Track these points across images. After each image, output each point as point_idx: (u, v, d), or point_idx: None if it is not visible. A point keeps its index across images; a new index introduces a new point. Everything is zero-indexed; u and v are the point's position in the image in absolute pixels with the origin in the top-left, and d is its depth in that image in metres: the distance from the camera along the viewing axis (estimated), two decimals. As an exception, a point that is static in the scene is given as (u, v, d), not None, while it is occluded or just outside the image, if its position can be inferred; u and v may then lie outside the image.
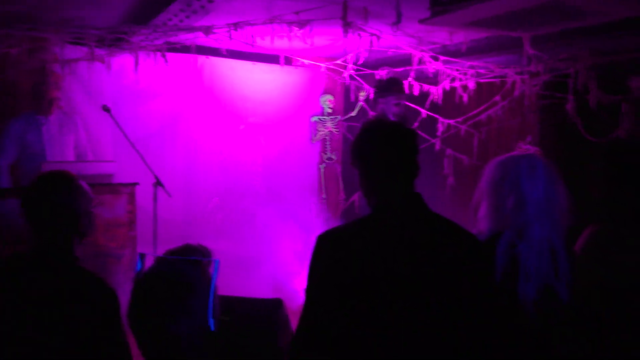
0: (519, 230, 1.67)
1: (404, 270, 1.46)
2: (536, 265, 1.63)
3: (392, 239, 1.50)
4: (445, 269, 1.49)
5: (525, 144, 4.97)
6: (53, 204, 1.67)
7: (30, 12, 3.76)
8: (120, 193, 3.67)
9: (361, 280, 1.46)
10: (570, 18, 2.77)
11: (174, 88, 4.97)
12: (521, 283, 1.63)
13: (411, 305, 1.45)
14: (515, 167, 1.72)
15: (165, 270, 1.33)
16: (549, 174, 1.70)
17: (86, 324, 1.58)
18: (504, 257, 1.64)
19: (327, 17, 3.35)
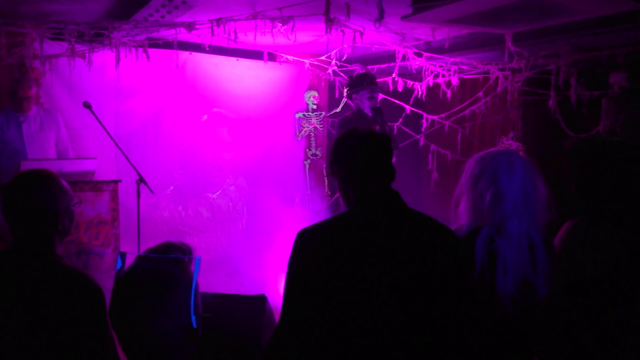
0: (497, 225, 1.69)
1: (382, 266, 1.48)
2: (514, 260, 1.65)
3: (369, 234, 1.52)
4: (422, 264, 1.51)
5: (508, 140, 5.03)
6: (32, 202, 1.65)
7: (7, 5, 3.69)
8: (102, 190, 3.63)
9: (339, 275, 1.48)
10: (550, 15, 2.80)
11: (156, 84, 4.92)
12: (499, 278, 1.64)
13: (389, 299, 1.47)
14: (493, 163, 1.73)
15: (146, 268, 1.33)
16: (526, 169, 1.72)
17: (71, 322, 1.57)
18: (483, 252, 1.66)
19: (310, 13, 3.34)
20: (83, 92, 4.45)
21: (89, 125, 4.42)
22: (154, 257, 1.35)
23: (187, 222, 5.04)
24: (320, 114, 5.74)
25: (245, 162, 5.44)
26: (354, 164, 1.63)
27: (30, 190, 1.67)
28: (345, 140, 1.68)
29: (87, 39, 3.50)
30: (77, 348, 1.58)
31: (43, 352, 1.56)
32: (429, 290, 1.49)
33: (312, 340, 1.50)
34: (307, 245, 1.54)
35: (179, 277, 1.31)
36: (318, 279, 1.49)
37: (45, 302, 1.57)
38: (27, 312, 1.56)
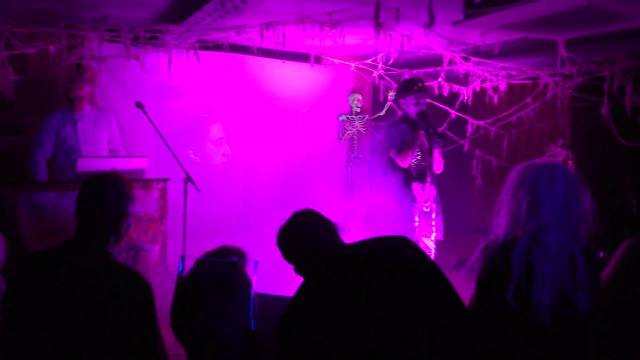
0: (534, 236, 1.66)
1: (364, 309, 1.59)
2: (552, 272, 1.62)
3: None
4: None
5: (557, 147, 4.90)
6: (105, 202, 1.78)
7: (68, 9, 3.86)
8: (152, 188, 3.75)
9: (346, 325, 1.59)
10: (606, 22, 2.71)
11: (205, 85, 5.04)
12: (536, 289, 1.61)
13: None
14: (534, 173, 1.71)
15: (208, 272, 1.36)
16: (569, 181, 1.69)
17: (122, 316, 1.64)
18: (520, 262, 1.63)
19: (358, 17, 3.36)
20: (135, 92, 4.60)
21: (139, 124, 4.56)
22: (216, 261, 1.38)
23: (232, 222, 5.14)
24: (363, 117, 5.74)
25: (288, 163, 5.50)
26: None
27: (108, 191, 1.79)
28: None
29: (142, 42, 3.62)
30: (127, 340, 1.65)
31: (95, 343, 1.63)
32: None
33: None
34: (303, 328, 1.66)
35: (240, 282, 1.35)
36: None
37: (98, 296, 1.64)
38: (80, 305, 1.63)
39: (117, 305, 1.64)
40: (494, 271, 1.69)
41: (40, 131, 4.04)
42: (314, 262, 1.77)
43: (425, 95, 4.14)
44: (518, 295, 1.62)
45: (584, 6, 2.37)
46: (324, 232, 1.84)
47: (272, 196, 5.45)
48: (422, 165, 4.17)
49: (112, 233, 1.79)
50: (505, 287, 1.63)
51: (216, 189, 5.14)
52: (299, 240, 1.84)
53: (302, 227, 1.85)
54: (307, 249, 1.81)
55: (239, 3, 3.11)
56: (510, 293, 1.61)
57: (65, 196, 3.48)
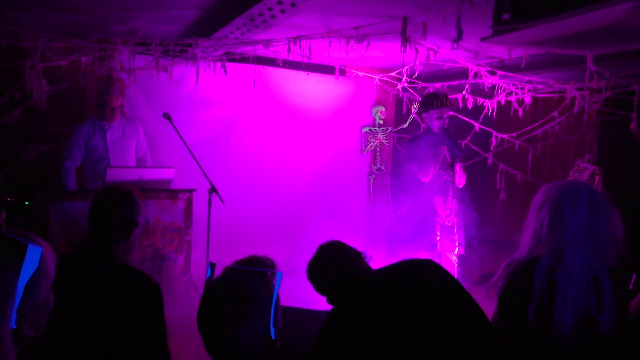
0: (556, 255, 1.66)
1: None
2: (574, 293, 1.60)
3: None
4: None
5: (584, 162, 4.83)
6: (119, 212, 1.92)
7: (100, 23, 3.96)
8: (178, 199, 3.80)
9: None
10: (636, 39, 2.68)
11: (230, 96, 5.10)
12: (558, 309, 1.60)
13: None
14: (558, 192, 1.71)
15: (232, 279, 1.41)
16: (594, 201, 1.67)
17: (130, 316, 1.75)
18: (542, 281, 1.63)
19: (385, 32, 3.37)
20: (161, 103, 4.68)
21: (165, 135, 4.63)
22: (240, 269, 1.43)
23: (255, 232, 5.17)
24: (386, 129, 5.75)
25: (311, 174, 5.52)
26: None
27: (121, 201, 1.94)
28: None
29: (171, 55, 3.69)
30: (136, 340, 1.75)
31: (106, 340, 1.73)
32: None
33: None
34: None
35: (261, 290, 1.39)
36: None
37: (108, 297, 1.76)
38: (90, 307, 1.74)
39: (127, 306, 1.76)
40: (516, 288, 1.69)
41: (70, 140, 4.13)
42: (343, 291, 1.82)
43: (448, 110, 4.14)
44: (539, 313, 1.61)
45: (616, 23, 2.35)
46: (350, 261, 1.91)
47: (295, 207, 5.47)
48: (444, 179, 4.16)
49: (122, 239, 1.91)
50: (527, 305, 1.62)
51: (241, 199, 5.18)
52: (327, 273, 1.91)
53: (328, 259, 1.93)
54: (336, 279, 1.88)
55: (268, 18, 3.16)
56: (532, 311, 1.61)
57: (93, 205, 3.54)
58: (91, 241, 1.88)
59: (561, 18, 2.35)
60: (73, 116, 4.54)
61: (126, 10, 3.56)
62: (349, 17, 3.45)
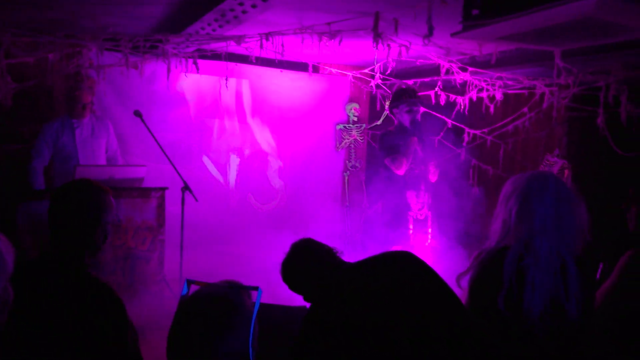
0: (525, 243, 1.70)
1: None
2: (542, 280, 1.65)
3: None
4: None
5: (553, 157, 4.93)
6: (76, 213, 1.70)
7: (68, 18, 3.87)
8: (150, 197, 3.74)
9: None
10: (605, 34, 2.75)
11: (203, 93, 5.05)
12: (527, 296, 1.65)
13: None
14: (526, 183, 1.76)
15: (210, 296, 1.34)
16: (560, 191, 1.73)
17: (92, 330, 1.59)
18: (511, 269, 1.67)
19: (357, 28, 3.38)
20: (133, 101, 4.60)
21: (137, 133, 4.56)
22: (218, 285, 1.36)
23: (230, 230, 5.13)
24: (360, 126, 5.77)
25: (286, 172, 5.50)
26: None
27: (76, 200, 1.71)
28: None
29: (141, 51, 3.63)
30: (98, 354, 1.60)
31: (67, 356, 1.58)
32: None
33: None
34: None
35: (240, 310, 1.32)
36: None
37: (69, 309, 1.59)
38: (54, 317, 1.58)
39: (88, 319, 1.59)
40: (486, 277, 1.73)
41: (38, 138, 4.03)
42: (320, 287, 1.82)
43: (418, 103, 4.20)
44: (509, 301, 1.65)
45: (584, 18, 2.40)
46: (324, 257, 1.91)
47: (270, 204, 5.45)
48: (416, 173, 4.22)
49: (87, 243, 1.71)
50: (497, 293, 1.67)
51: (215, 197, 5.14)
52: (301, 270, 1.91)
53: (301, 256, 1.92)
54: (311, 276, 1.87)
55: (239, 13, 3.13)
56: (502, 299, 1.65)
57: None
58: (54, 246, 1.68)
59: (529, 13, 2.39)
60: (41, 115, 4.43)
61: (95, 5, 3.49)
62: (321, 13, 3.44)
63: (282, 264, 1.96)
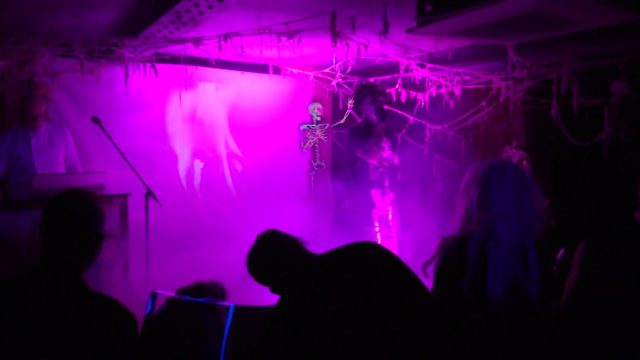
0: (487, 229, 1.76)
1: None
2: (504, 263, 1.71)
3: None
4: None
5: (512, 149, 5.07)
6: (79, 221, 1.58)
7: (18, 24, 3.76)
8: (112, 204, 3.67)
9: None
10: (554, 27, 2.85)
11: (163, 98, 4.98)
12: (489, 280, 1.70)
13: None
14: (485, 170, 1.82)
15: (178, 314, 1.27)
16: (518, 177, 1.79)
17: (102, 351, 1.47)
18: (474, 255, 1.72)
19: (315, 27, 3.40)
20: (91, 107, 4.50)
21: (97, 140, 4.46)
22: (185, 300, 1.28)
23: (196, 235, 5.07)
24: (324, 126, 5.80)
25: (250, 175, 5.48)
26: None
27: (80, 208, 1.59)
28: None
29: (96, 56, 3.56)
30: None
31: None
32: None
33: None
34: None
35: (210, 327, 1.26)
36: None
37: (76, 331, 1.47)
38: (54, 337, 1.45)
39: (97, 342, 1.46)
40: (451, 264, 1.78)
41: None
42: (287, 278, 1.81)
43: (380, 93, 4.28)
44: (473, 286, 1.70)
45: (532, 11, 2.48)
46: (291, 246, 1.89)
47: (235, 207, 5.42)
48: (380, 171, 4.28)
49: (86, 256, 1.59)
50: (462, 279, 1.71)
51: (180, 203, 5.08)
52: (267, 261, 1.88)
53: (268, 246, 1.90)
54: (277, 267, 1.85)
55: (195, 14, 3.11)
56: (466, 284, 1.70)
57: (20, 216, 3.36)
58: (50, 262, 1.55)
59: (479, 7, 2.47)
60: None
61: (46, 9, 3.40)
62: (278, 13, 3.45)
63: (248, 254, 1.93)
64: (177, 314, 1.25)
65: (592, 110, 4.63)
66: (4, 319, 1.46)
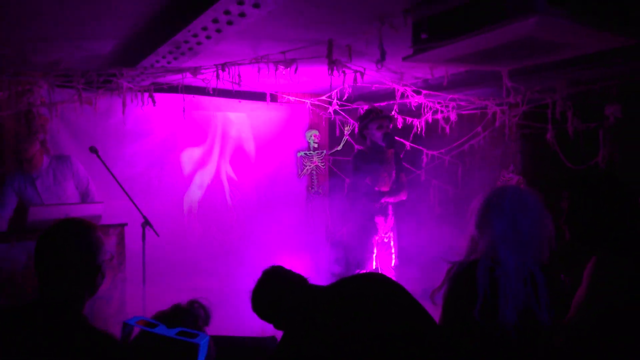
0: (491, 255, 1.77)
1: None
2: (514, 289, 1.72)
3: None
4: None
5: (509, 173, 5.08)
6: (74, 252, 1.55)
7: (18, 55, 3.79)
8: (109, 234, 3.64)
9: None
10: (545, 53, 2.89)
11: (161, 127, 5.00)
12: (501, 306, 1.71)
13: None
14: (487, 198, 1.86)
15: (148, 349, 1.22)
16: (517, 202, 1.80)
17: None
18: (484, 281, 1.73)
19: (312, 55, 3.44)
20: (88, 136, 4.51)
21: (93, 169, 4.45)
22: (158, 335, 1.22)
23: (193, 264, 5.03)
24: (321, 153, 5.81)
25: (249, 202, 5.46)
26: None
27: (73, 239, 1.56)
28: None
29: (95, 86, 3.58)
30: None
31: None
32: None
33: None
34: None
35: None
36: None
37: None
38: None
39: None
40: (460, 291, 1.78)
41: (3, 188, 3.90)
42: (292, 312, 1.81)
43: (387, 118, 4.26)
44: (485, 312, 1.70)
45: (525, 38, 2.52)
46: (296, 282, 1.89)
47: (234, 235, 5.39)
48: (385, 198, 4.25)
49: (86, 289, 1.56)
50: (472, 305, 1.71)
51: (177, 231, 5.04)
52: (272, 295, 1.87)
53: (272, 284, 1.90)
54: (282, 301, 1.85)
55: (194, 45, 3.14)
56: (477, 310, 1.70)
57: (15, 247, 3.32)
58: (48, 296, 1.51)
59: (474, 35, 2.50)
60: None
61: (45, 41, 3.44)
62: (276, 42, 3.49)
63: (252, 291, 1.92)
64: (147, 349, 1.20)
65: (587, 134, 4.67)
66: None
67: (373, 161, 4.14)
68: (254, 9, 2.47)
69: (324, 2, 2.75)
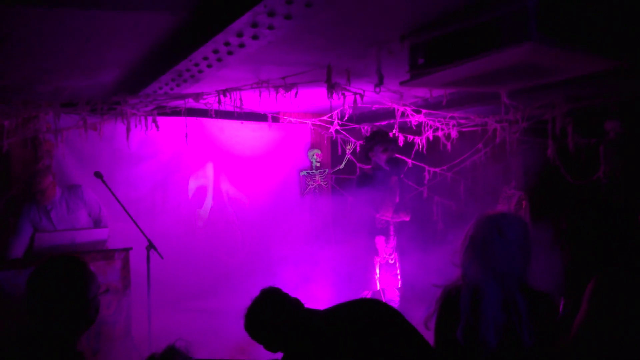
0: (476, 281, 1.87)
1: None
2: (494, 313, 1.81)
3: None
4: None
5: (510, 189, 5.09)
6: (62, 288, 1.57)
7: (24, 84, 3.87)
8: (114, 259, 3.68)
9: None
10: (540, 76, 2.93)
11: (165, 149, 5.06)
12: (482, 330, 1.80)
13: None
14: (474, 225, 1.95)
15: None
16: (498, 236, 1.88)
17: None
18: (465, 306, 1.84)
19: (312, 79, 3.49)
20: (93, 161, 4.57)
21: (99, 193, 4.50)
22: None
23: (198, 285, 5.05)
24: (324, 171, 5.85)
25: (253, 222, 5.50)
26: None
27: (61, 275, 1.58)
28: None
29: (99, 113, 3.64)
30: None
31: None
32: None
33: None
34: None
35: None
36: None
37: None
38: None
39: None
40: (446, 315, 1.90)
41: (20, 220, 3.99)
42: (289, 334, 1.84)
43: (392, 142, 4.28)
44: (467, 334, 1.81)
45: (519, 63, 2.56)
46: (293, 304, 1.93)
47: (238, 256, 5.41)
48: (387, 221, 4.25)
49: (79, 324, 1.58)
50: (456, 328, 1.82)
51: (182, 253, 5.07)
52: (266, 317, 1.90)
53: (268, 304, 1.93)
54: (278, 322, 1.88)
55: (195, 72, 3.20)
56: (460, 333, 1.81)
57: (22, 274, 3.37)
58: (41, 333, 1.51)
59: (469, 60, 2.55)
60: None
61: (50, 72, 3.51)
62: (276, 67, 3.55)
63: (245, 313, 1.95)
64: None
65: (588, 149, 4.69)
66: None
67: (376, 185, 4.14)
68: (253, 41, 2.53)
69: (323, 31, 2.80)
